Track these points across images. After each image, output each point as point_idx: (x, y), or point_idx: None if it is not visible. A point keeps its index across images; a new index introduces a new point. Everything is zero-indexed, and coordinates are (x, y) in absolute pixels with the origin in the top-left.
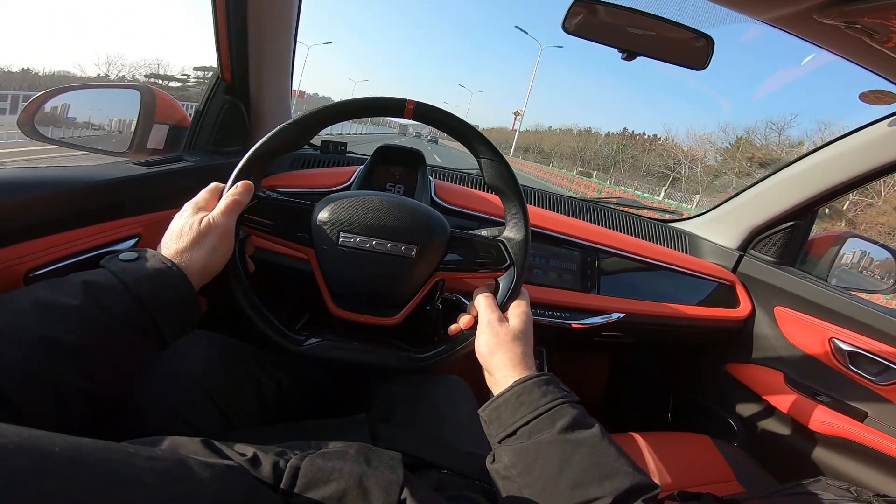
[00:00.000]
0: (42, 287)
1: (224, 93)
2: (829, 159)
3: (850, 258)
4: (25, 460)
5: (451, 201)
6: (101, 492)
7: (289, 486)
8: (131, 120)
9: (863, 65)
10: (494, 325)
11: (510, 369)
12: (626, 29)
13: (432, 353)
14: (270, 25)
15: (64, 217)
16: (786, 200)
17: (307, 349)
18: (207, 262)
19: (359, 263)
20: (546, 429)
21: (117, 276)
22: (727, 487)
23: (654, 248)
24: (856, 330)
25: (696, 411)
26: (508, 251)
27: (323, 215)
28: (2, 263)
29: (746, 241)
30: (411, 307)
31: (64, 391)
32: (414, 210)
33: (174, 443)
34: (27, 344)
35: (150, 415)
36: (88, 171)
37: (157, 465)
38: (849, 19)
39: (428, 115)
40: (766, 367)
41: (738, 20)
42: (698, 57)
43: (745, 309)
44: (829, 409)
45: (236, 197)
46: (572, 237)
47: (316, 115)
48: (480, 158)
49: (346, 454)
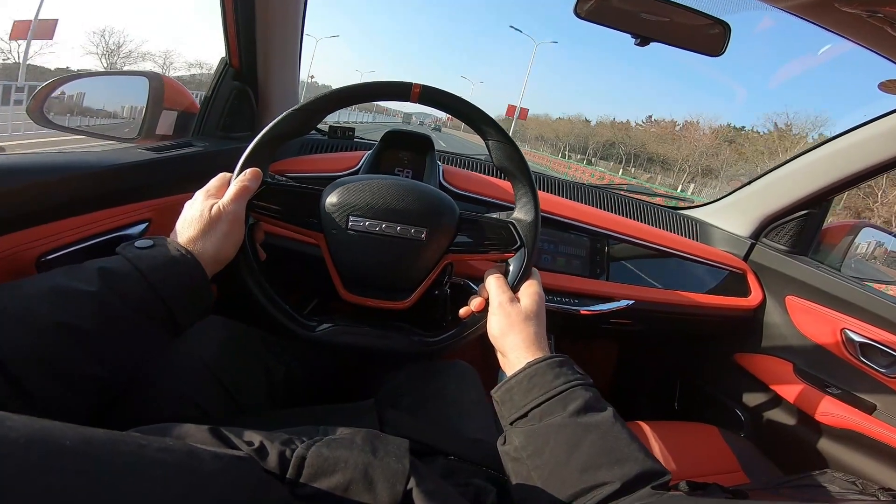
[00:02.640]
0: (58, 273)
1: (232, 79)
2: (846, 148)
3: (864, 248)
4: (35, 453)
5: (459, 186)
6: (112, 484)
7: (295, 475)
8: (141, 107)
9: (883, 54)
10: (506, 305)
11: (523, 350)
12: (640, 14)
13: (444, 336)
14: (278, 11)
15: (75, 202)
16: (801, 189)
17: (319, 335)
18: (219, 249)
19: (368, 247)
20: (558, 411)
21: (133, 263)
22: (733, 478)
23: (664, 235)
24: (868, 321)
25: (704, 401)
26: (518, 232)
27: (332, 200)
28: (13, 248)
29: (759, 230)
30: (421, 291)
31: (77, 377)
32: (423, 193)
33: (183, 431)
34: (42, 329)
35: (160, 398)
36: (98, 157)
37: (168, 456)
38: (871, 8)
39: (434, 98)
40: (775, 357)
41: (756, 7)
42: (714, 43)
43: (756, 298)
44: (838, 401)
45: (245, 183)
46: (581, 223)
47: (322, 100)
48: (488, 140)
49: (353, 443)
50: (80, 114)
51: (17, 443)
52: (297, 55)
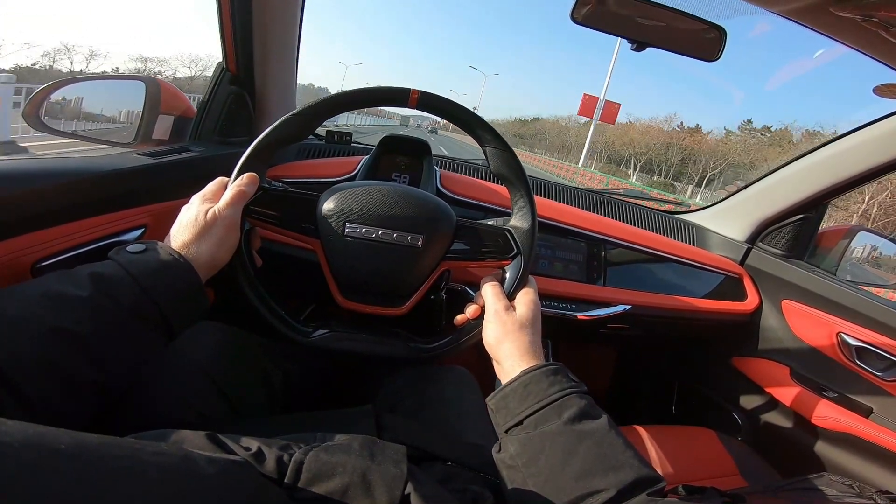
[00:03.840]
0: (51, 278)
1: (229, 83)
2: (842, 152)
3: (859, 252)
4: (30, 457)
5: (456, 191)
6: (107, 487)
7: (293, 480)
8: (137, 111)
9: (878, 58)
10: (501, 314)
11: (518, 358)
12: (636, 19)
13: (440, 343)
14: (275, 15)
15: (70, 207)
16: (796, 193)
17: (315, 341)
18: (214, 253)
19: (365, 254)
20: (553, 419)
21: (125, 268)
22: (731, 482)
23: (661, 240)
24: (864, 324)
25: (701, 405)
26: (515, 240)
27: (328, 205)
28: (9, 254)
29: (755, 234)
30: (418, 297)
31: (74, 381)
32: (419, 199)
33: (180, 437)
34: (38, 334)
35: (158, 404)
36: (94, 162)
37: (163, 460)
38: (865, 12)
39: (432, 104)
40: (772, 360)
41: (751, 12)
42: (710, 48)
43: (753, 302)
44: (835, 405)
45: (241, 188)
46: (578, 228)
47: (319, 106)
48: (486, 147)
49: (351, 448)
50: (77, 118)
51: (12, 447)
52: (295, 59)
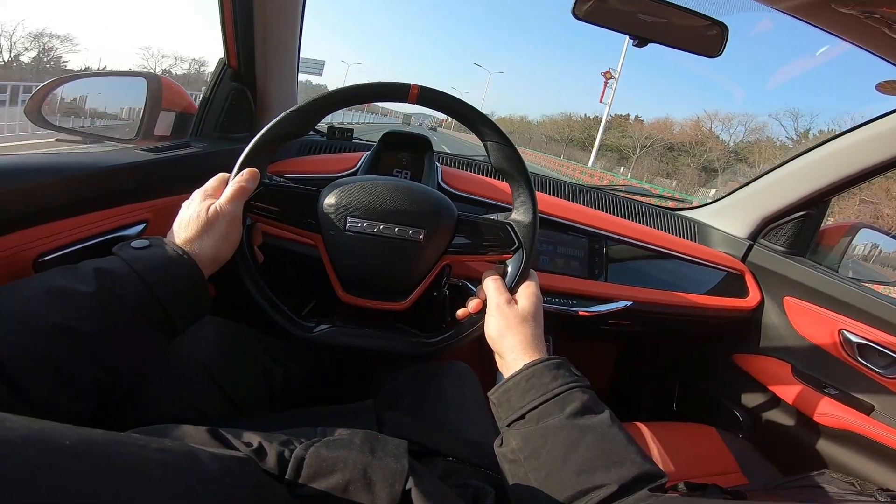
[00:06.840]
0: (55, 274)
1: (230, 79)
2: (844, 149)
3: (861, 249)
4: (33, 453)
5: (457, 187)
6: (111, 484)
7: (293, 476)
8: (139, 108)
9: (880, 55)
10: (503, 307)
11: (521, 352)
12: (638, 15)
13: (442, 337)
14: (276, 11)
15: (73, 202)
16: (798, 190)
17: (317, 336)
18: (217, 249)
19: (366, 248)
20: (555, 413)
21: (129, 263)
22: (732, 479)
23: (663, 236)
24: (866, 322)
25: (702, 402)
26: (516, 233)
27: (329, 200)
28: (11, 248)
29: (757, 231)
30: (419, 292)
31: (76, 378)
32: (420, 194)
33: (182, 432)
34: (40, 330)
35: (159, 400)
36: (96, 157)
37: (167, 456)
38: (867, 8)
39: (432, 99)
40: (773, 357)
41: (753, 8)
42: (711, 44)
43: (754, 299)
44: (836, 402)
45: (242, 184)
46: (580, 224)
47: (320, 102)
48: (486, 142)
49: (352, 443)
50: (79, 115)
51: (16, 443)
52: (296, 55)
